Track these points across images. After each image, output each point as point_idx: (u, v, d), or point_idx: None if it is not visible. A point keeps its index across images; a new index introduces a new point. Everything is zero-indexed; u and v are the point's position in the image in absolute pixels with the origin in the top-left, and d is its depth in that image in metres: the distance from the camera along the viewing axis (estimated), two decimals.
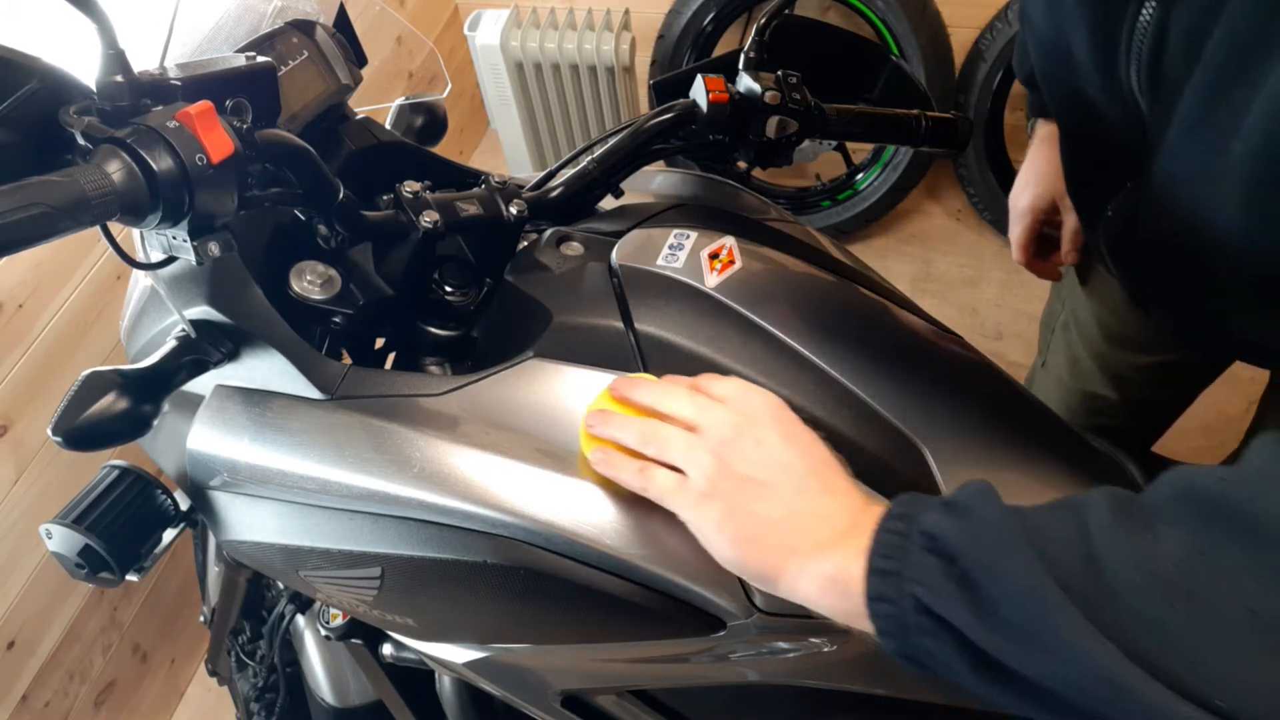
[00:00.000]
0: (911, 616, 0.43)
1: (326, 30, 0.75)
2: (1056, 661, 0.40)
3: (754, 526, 0.51)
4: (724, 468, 0.53)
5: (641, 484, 0.56)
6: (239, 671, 1.09)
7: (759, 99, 0.78)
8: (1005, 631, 0.41)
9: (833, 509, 0.51)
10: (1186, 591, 0.38)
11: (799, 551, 0.50)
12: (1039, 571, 0.40)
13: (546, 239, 0.74)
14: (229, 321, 0.63)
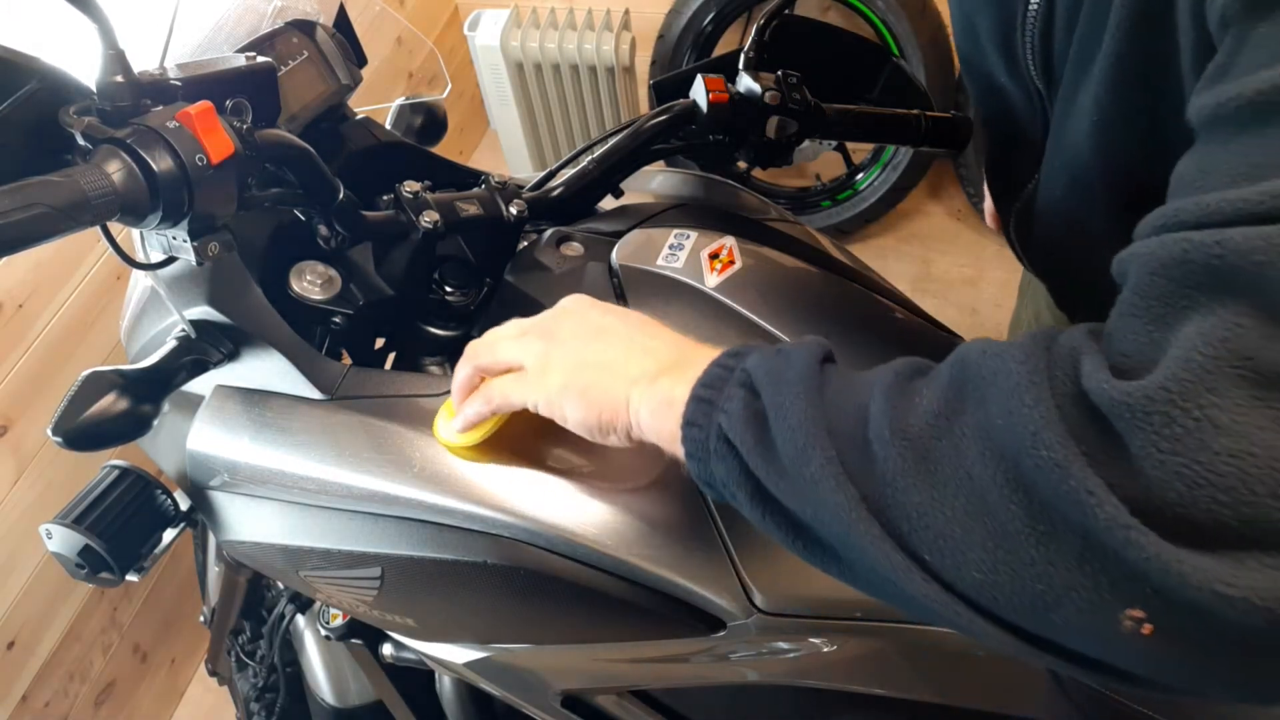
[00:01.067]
0: (713, 441, 0.45)
1: (326, 30, 0.75)
2: (805, 497, 0.41)
3: (593, 373, 0.53)
4: (552, 342, 0.55)
5: (485, 400, 0.57)
6: (239, 671, 1.09)
7: (759, 99, 0.78)
8: (775, 463, 0.42)
9: (661, 346, 0.53)
10: (924, 450, 0.38)
11: (638, 381, 0.51)
12: (814, 413, 0.41)
13: (546, 239, 0.74)
14: (229, 321, 0.63)
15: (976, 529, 0.36)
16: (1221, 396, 0.30)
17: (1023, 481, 0.34)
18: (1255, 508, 0.29)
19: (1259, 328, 0.30)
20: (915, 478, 0.38)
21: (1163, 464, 0.31)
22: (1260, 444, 0.29)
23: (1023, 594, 0.35)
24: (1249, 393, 0.30)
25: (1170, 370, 0.31)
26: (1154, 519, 0.31)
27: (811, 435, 0.41)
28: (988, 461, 0.36)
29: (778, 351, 0.46)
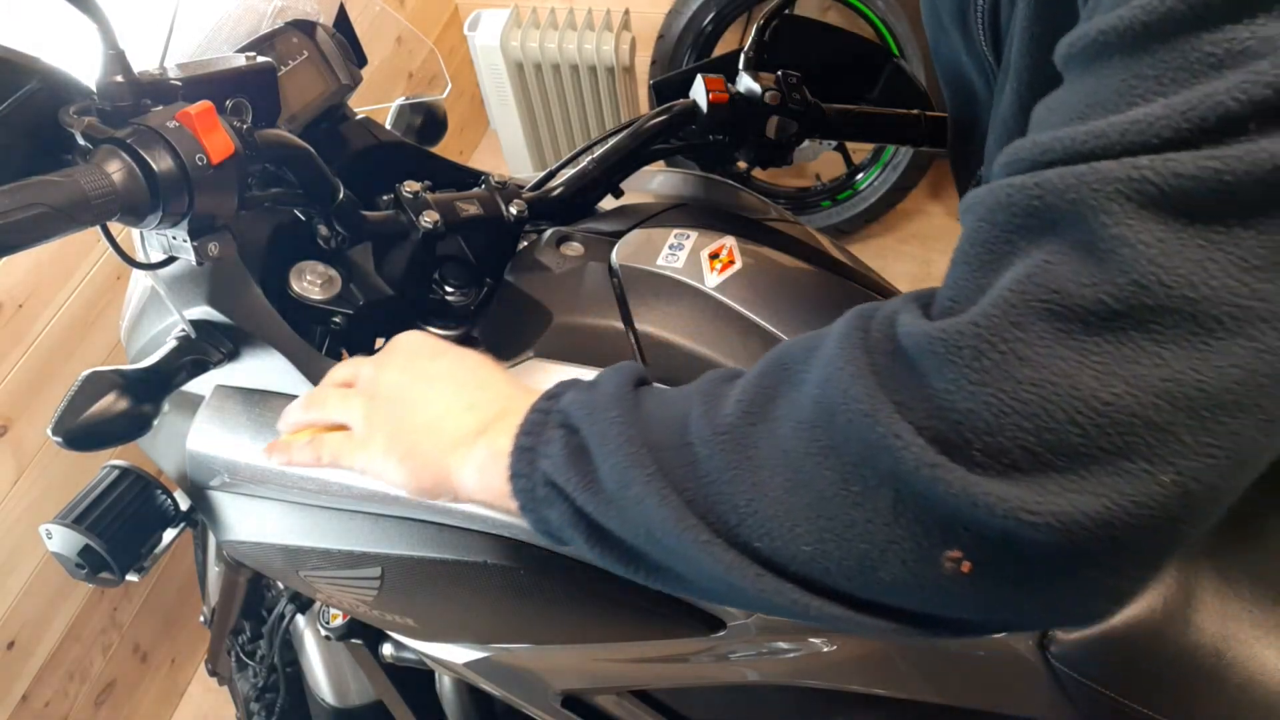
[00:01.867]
0: (540, 488, 0.44)
1: (326, 30, 0.75)
2: (635, 520, 0.41)
3: (414, 438, 0.51)
4: (374, 402, 0.53)
5: (314, 454, 0.55)
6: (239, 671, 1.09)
7: (759, 99, 0.78)
8: (601, 494, 0.41)
9: (486, 398, 0.50)
10: (741, 439, 0.38)
11: (459, 444, 0.49)
12: (631, 433, 0.41)
13: (547, 239, 0.74)
14: (229, 321, 0.63)
15: (798, 503, 0.36)
16: (1026, 330, 0.31)
17: (835, 443, 0.35)
18: (1055, 434, 0.30)
19: (1067, 264, 0.31)
20: (737, 469, 0.38)
21: (972, 395, 0.31)
22: (1060, 373, 0.30)
23: (850, 558, 0.35)
24: (1052, 325, 0.31)
25: (981, 308, 0.32)
26: (962, 453, 0.32)
27: (631, 455, 0.40)
28: (801, 433, 0.36)
29: (591, 383, 0.46)
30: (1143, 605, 0.61)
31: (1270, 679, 0.60)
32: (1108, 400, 0.30)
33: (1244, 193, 0.29)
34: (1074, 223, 0.31)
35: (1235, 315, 0.29)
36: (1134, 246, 0.29)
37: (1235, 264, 0.29)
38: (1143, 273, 0.29)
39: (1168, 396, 0.29)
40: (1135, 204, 0.30)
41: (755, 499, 0.37)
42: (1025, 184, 0.32)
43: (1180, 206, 0.29)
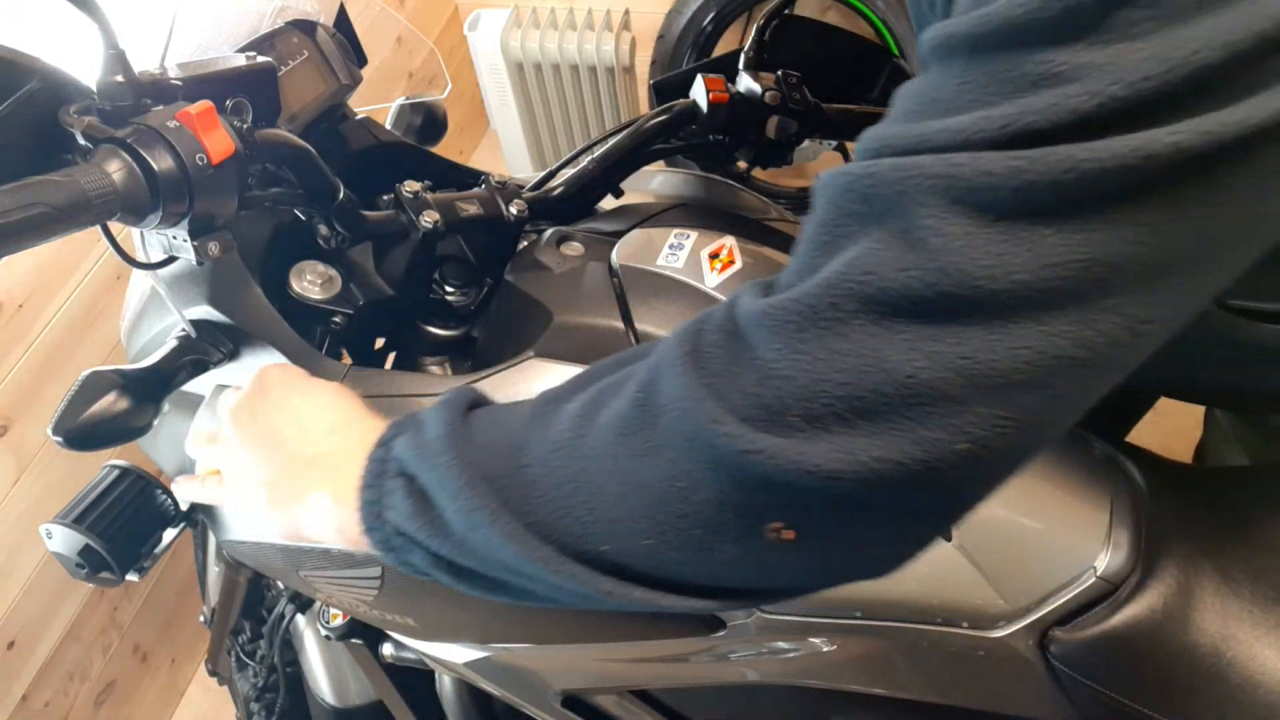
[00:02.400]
0: (394, 538, 0.45)
1: (326, 30, 0.75)
2: (491, 559, 0.42)
3: (268, 493, 0.52)
4: (231, 456, 0.55)
5: (200, 490, 0.59)
6: (239, 671, 1.09)
7: (759, 99, 0.78)
8: (453, 538, 0.43)
9: (329, 448, 0.51)
10: (573, 452, 0.40)
11: (310, 500, 0.50)
12: (468, 474, 0.42)
13: (547, 239, 0.74)
14: (229, 321, 0.63)
15: (633, 506, 0.38)
16: (843, 309, 0.34)
17: (658, 442, 0.37)
18: (863, 401, 0.33)
19: (887, 250, 0.33)
20: (574, 482, 0.40)
21: (793, 362, 0.34)
22: (870, 348, 0.34)
23: (688, 548, 0.38)
24: (867, 305, 0.34)
25: (808, 286, 0.35)
26: (780, 421, 0.34)
27: (472, 497, 0.42)
28: (627, 437, 0.38)
29: (420, 423, 0.46)
30: (1143, 605, 0.61)
31: (1270, 679, 0.60)
32: (910, 374, 0.33)
33: (1042, 193, 0.31)
34: (897, 212, 0.33)
35: (1030, 304, 0.32)
36: (943, 237, 0.32)
37: (1033, 259, 0.31)
38: (948, 262, 0.32)
39: (964, 373, 0.32)
40: (948, 199, 0.32)
41: (595, 508, 0.39)
42: (863, 172, 0.35)
43: (986, 203, 0.32)
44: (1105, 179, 0.30)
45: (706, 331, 0.38)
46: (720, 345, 0.37)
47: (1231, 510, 0.69)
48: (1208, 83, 0.29)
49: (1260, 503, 0.70)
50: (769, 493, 0.35)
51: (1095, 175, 0.30)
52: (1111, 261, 0.32)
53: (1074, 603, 0.61)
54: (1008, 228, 0.32)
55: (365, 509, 0.46)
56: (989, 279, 0.32)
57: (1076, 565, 0.61)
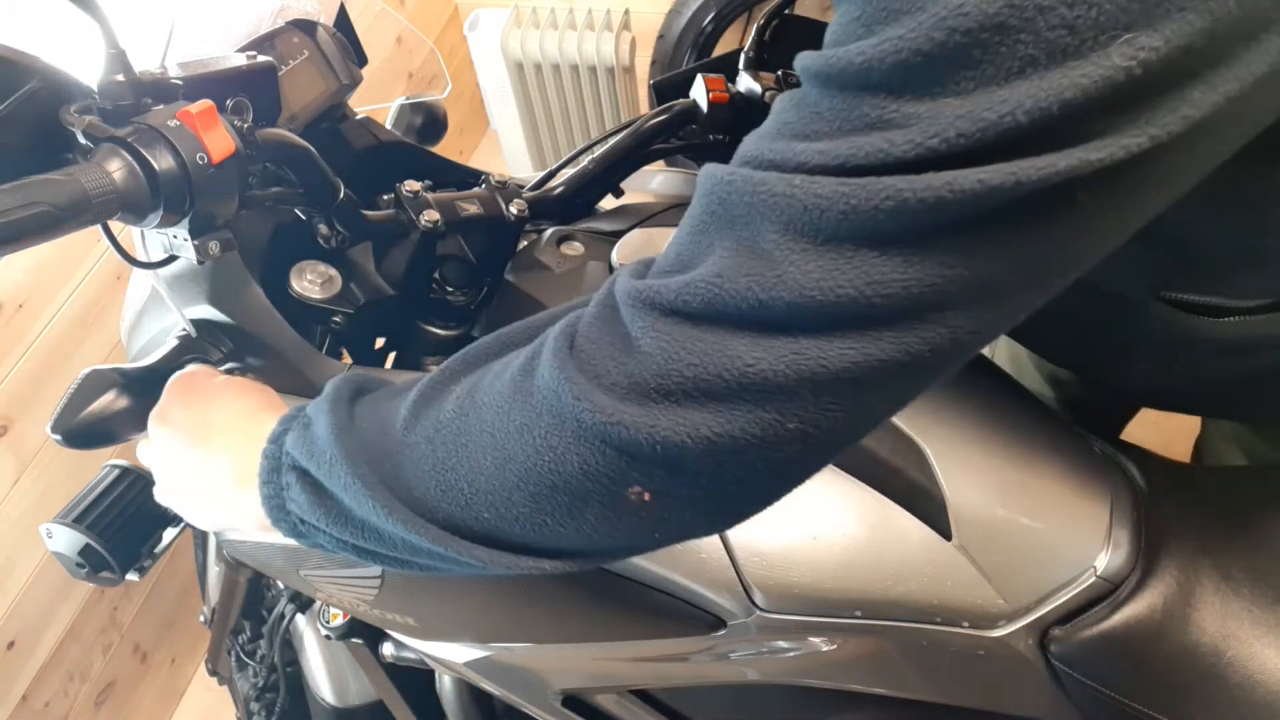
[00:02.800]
0: (300, 525, 0.49)
1: (327, 30, 0.75)
2: (391, 539, 0.46)
3: (191, 492, 0.57)
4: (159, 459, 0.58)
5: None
6: (239, 671, 1.09)
7: (759, 99, 0.78)
8: (353, 523, 0.47)
9: (235, 442, 0.54)
10: (457, 430, 0.44)
11: (222, 490, 0.54)
12: (359, 468, 0.45)
13: (547, 238, 0.74)
14: (229, 321, 0.63)
15: (509, 478, 0.42)
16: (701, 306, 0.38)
17: (529, 419, 0.41)
18: (710, 382, 0.38)
19: (737, 257, 0.37)
20: (456, 457, 0.43)
21: (654, 340, 0.38)
22: (718, 339, 0.37)
23: (559, 514, 0.42)
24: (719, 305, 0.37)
25: (677, 281, 0.39)
26: (638, 391, 0.38)
27: (361, 488, 0.45)
28: (503, 413, 0.42)
29: (306, 419, 0.50)
30: (1143, 605, 0.61)
31: (1270, 679, 0.60)
32: (749, 364, 0.37)
33: (866, 218, 0.34)
34: (745, 222, 0.37)
35: (856, 316, 0.36)
36: (783, 251, 0.36)
37: (859, 277, 0.35)
38: (784, 274, 0.36)
39: (795, 367, 0.36)
40: (787, 217, 0.36)
41: (474, 482, 0.43)
42: (726, 178, 0.38)
43: (819, 224, 0.35)
44: (921, 209, 0.33)
45: (586, 313, 0.42)
46: (595, 320, 0.41)
47: (1231, 510, 0.69)
48: (1017, 141, 0.32)
49: (1260, 503, 0.70)
50: (628, 459, 0.39)
51: (913, 205, 0.33)
52: (933, 282, 0.35)
53: (1074, 602, 0.61)
54: (836, 248, 0.35)
55: (266, 503, 0.50)
56: (819, 291, 0.35)
57: (1076, 565, 0.61)
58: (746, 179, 0.37)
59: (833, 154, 0.35)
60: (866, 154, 0.34)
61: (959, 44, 0.32)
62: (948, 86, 0.33)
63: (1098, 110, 0.32)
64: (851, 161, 0.34)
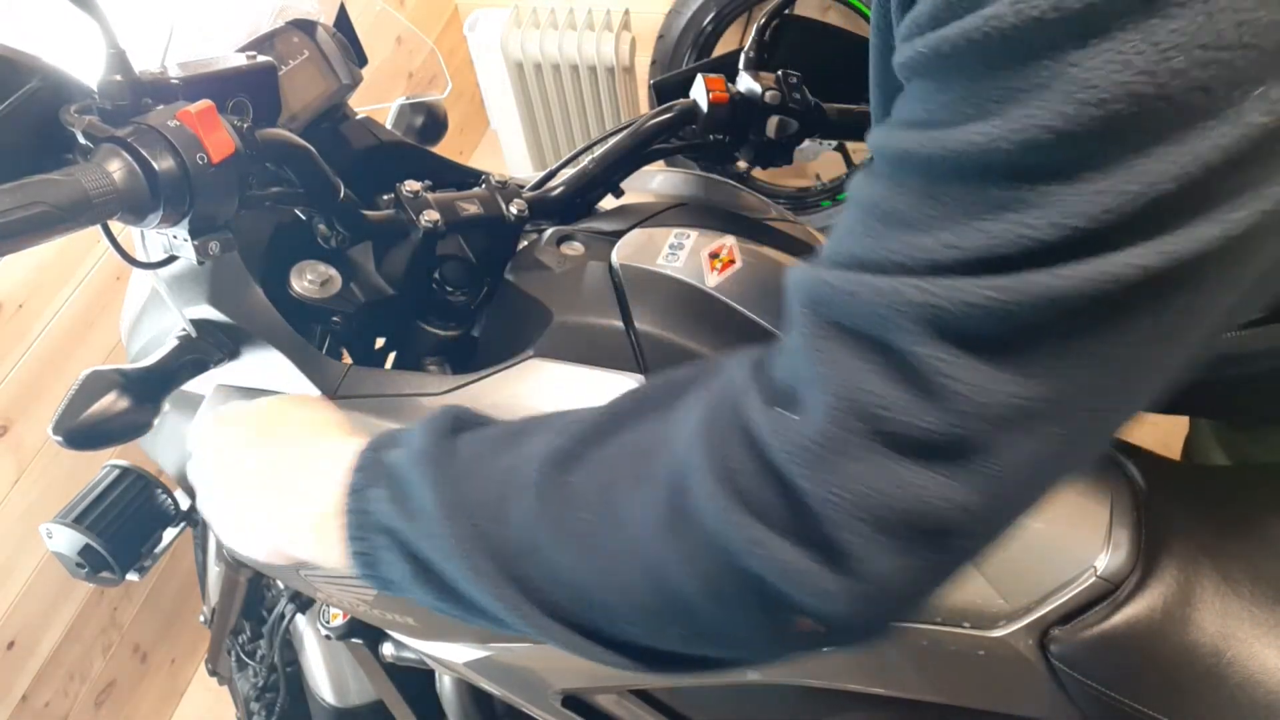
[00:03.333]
0: (390, 586, 0.48)
1: (327, 30, 0.75)
2: (493, 619, 0.45)
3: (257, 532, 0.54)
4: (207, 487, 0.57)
5: None
6: (239, 671, 1.09)
7: (759, 99, 0.78)
8: (461, 602, 0.45)
9: (312, 488, 0.51)
10: (593, 544, 0.42)
11: (304, 534, 0.51)
12: (473, 553, 0.43)
13: (547, 238, 0.74)
14: (229, 321, 0.63)
15: (672, 605, 0.40)
16: (853, 437, 0.36)
17: (695, 551, 0.39)
18: (888, 519, 0.36)
19: (883, 378, 0.35)
20: (599, 577, 0.42)
21: (819, 490, 0.36)
22: (884, 474, 0.35)
23: (718, 641, 0.41)
24: (875, 436, 0.35)
25: (819, 421, 0.36)
26: (808, 543, 0.37)
27: (488, 587, 0.43)
28: (659, 537, 0.39)
29: (393, 473, 0.47)
30: (1143, 605, 0.61)
31: (1270, 679, 0.60)
32: (933, 496, 0.35)
33: (1025, 321, 0.33)
34: (880, 334, 0.35)
35: (1023, 414, 0.34)
36: (937, 364, 0.34)
37: (1017, 380, 0.34)
38: (945, 390, 0.34)
39: (981, 491, 0.35)
40: (936, 327, 0.34)
41: (625, 597, 0.41)
42: (842, 287, 0.36)
43: (976, 331, 0.33)
44: (1081, 301, 0.32)
45: (730, 444, 0.39)
46: (750, 467, 0.38)
47: (1231, 510, 0.69)
48: (1165, 211, 0.31)
49: (1260, 503, 0.70)
50: (805, 605, 0.38)
51: (1072, 299, 0.32)
52: (1089, 379, 0.34)
53: (1074, 602, 0.61)
54: (997, 354, 0.34)
55: (357, 561, 0.48)
56: (987, 402, 0.34)
57: (1076, 565, 0.61)
58: (875, 290, 0.35)
59: (968, 247, 0.33)
60: (1003, 239, 0.32)
61: (1093, 117, 0.30)
62: (1085, 162, 0.31)
63: (1236, 168, 0.31)
64: (993, 253, 0.33)
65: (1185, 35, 0.29)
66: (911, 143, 0.34)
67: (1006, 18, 0.30)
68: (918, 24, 0.34)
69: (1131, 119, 0.30)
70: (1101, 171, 0.31)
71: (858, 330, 0.36)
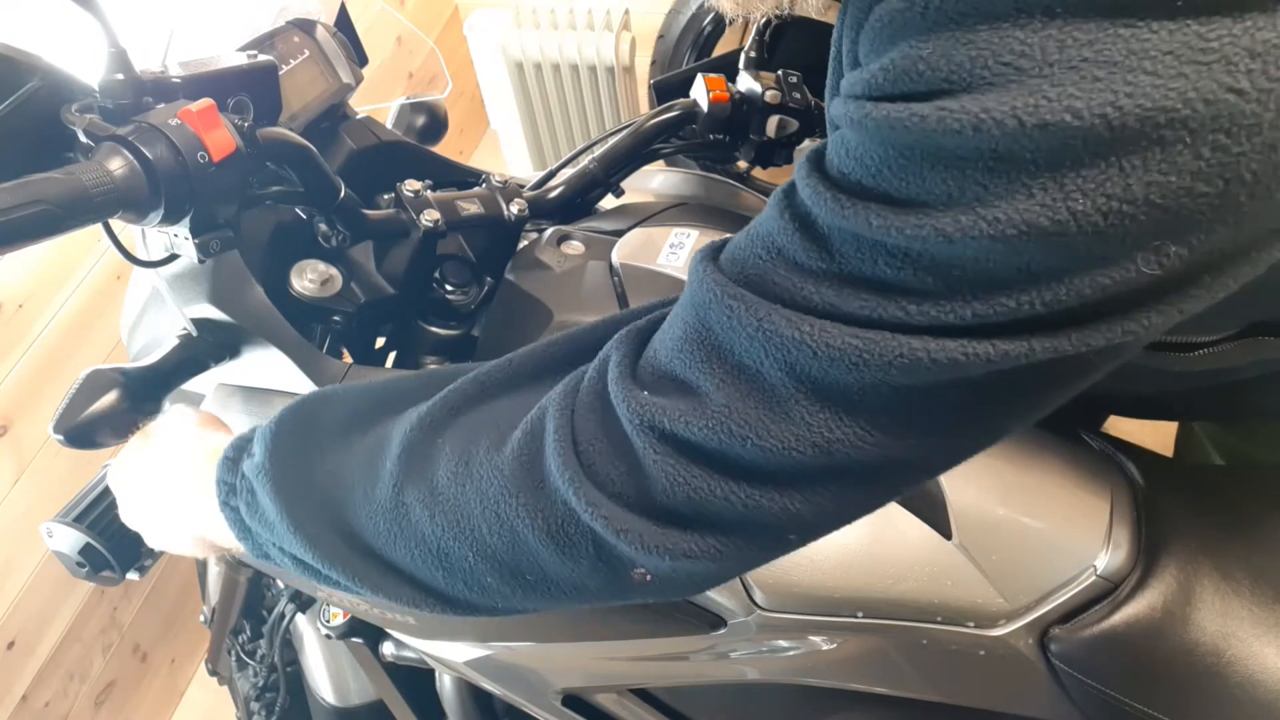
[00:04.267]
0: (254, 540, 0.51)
1: (327, 29, 0.75)
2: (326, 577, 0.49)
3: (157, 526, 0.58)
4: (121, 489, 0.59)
5: None
6: (239, 671, 1.09)
7: (759, 98, 0.78)
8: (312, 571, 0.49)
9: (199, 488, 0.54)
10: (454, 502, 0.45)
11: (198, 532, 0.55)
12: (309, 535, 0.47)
13: (547, 238, 0.74)
14: (230, 320, 0.63)
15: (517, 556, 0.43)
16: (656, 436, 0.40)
17: (540, 505, 0.42)
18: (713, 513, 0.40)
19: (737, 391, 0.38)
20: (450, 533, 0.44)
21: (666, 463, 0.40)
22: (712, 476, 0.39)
23: (564, 589, 0.44)
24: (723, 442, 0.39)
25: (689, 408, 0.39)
26: (641, 508, 0.41)
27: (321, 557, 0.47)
28: (507, 492, 0.43)
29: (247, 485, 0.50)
30: (1143, 605, 0.61)
31: (1270, 678, 0.60)
32: (751, 503, 0.39)
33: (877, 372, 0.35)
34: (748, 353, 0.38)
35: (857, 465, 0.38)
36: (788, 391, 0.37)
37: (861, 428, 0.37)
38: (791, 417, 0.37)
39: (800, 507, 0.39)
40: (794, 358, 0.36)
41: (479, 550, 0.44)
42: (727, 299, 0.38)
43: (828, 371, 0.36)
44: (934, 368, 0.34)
45: (580, 402, 0.43)
46: (592, 416, 0.42)
47: (1231, 510, 0.69)
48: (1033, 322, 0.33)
49: (1260, 502, 0.70)
50: (638, 556, 0.41)
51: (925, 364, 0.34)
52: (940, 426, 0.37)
53: (1074, 601, 0.61)
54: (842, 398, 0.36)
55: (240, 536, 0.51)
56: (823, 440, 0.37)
57: (1076, 564, 0.61)
58: (751, 309, 0.37)
59: (845, 309, 0.35)
60: (881, 316, 0.34)
61: (984, 234, 0.31)
62: (968, 269, 0.32)
63: (1117, 302, 0.32)
64: (865, 316, 0.34)
65: (1093, 183, 0.29)
66: (822, 191, 0.35)
67: (929, 120, 0.31)
68: (851, 88, 0.35)
69: (1022, 241, 0.31)
70: (981, 285, 0.32)
71: (728, 340, 0.38)
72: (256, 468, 0.49)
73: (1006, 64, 0.30)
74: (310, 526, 0.47)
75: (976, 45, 0.30)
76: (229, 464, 0.51)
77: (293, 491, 0.48)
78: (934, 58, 0.31)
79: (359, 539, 0.47)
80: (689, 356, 0.40)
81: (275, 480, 0.48)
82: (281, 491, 0.48)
